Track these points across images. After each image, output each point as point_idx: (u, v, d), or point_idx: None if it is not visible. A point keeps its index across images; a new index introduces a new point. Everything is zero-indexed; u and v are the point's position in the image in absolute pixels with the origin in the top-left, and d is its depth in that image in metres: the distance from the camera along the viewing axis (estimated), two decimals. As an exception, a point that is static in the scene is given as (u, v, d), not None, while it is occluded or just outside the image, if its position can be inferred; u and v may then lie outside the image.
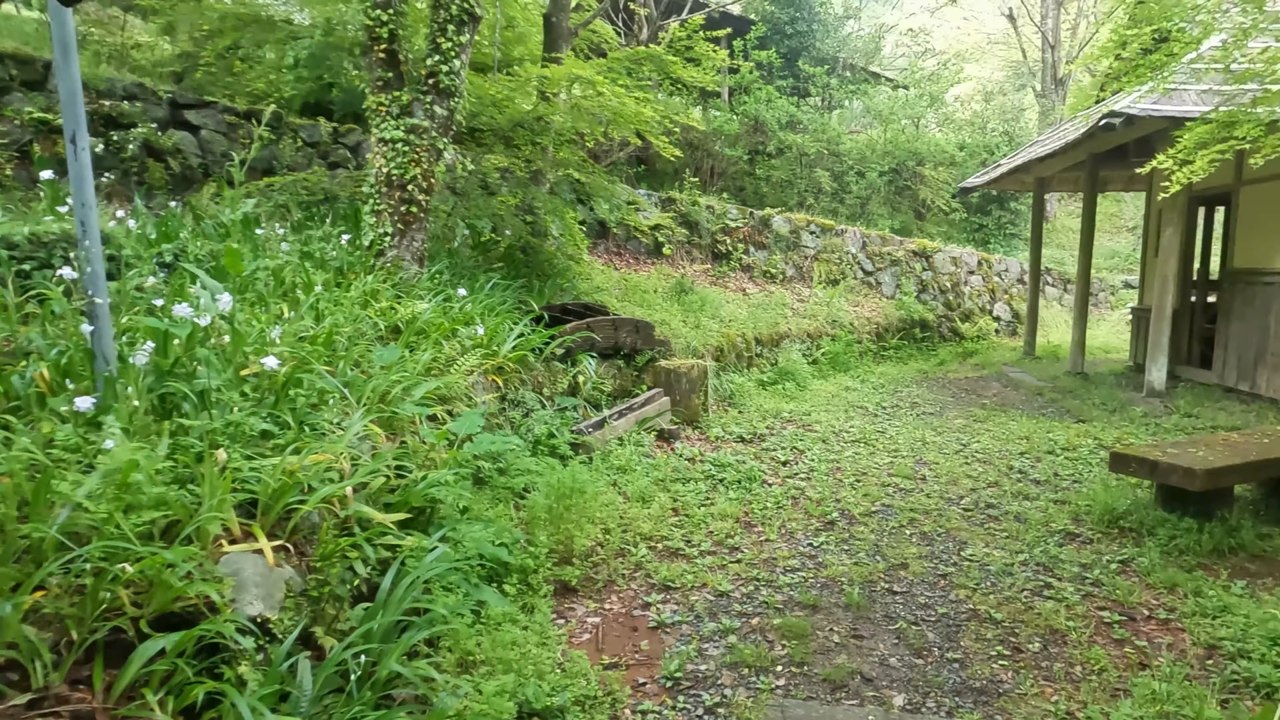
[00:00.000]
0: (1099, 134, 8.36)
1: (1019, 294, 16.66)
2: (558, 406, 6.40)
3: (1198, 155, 5.60)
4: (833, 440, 7.13)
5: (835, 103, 21.23)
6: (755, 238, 13.55)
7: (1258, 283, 8.87)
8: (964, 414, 8.51)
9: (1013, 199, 19.85)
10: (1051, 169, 11.90)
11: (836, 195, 18.20)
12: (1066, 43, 23.21)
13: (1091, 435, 7.25)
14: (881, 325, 13.29)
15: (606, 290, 9.76)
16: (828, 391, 9.64)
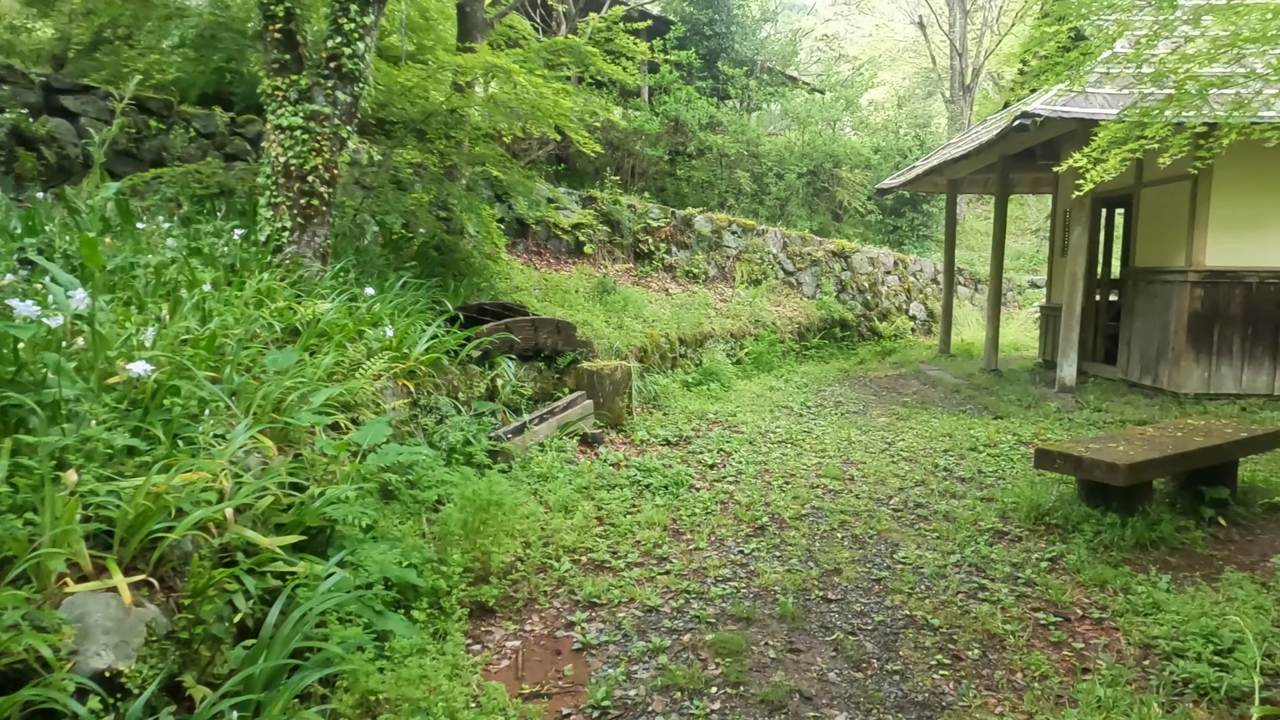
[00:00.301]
0: (1013, 134, 8.51)
1: (933, 293, 17.06)
2: (475, 412, 6.06)
3: (1111, 154, 5.67)
4: (760, 442, 7.00)
5: (754, 105, 21.38)
6: (677, 237, 13.42)
7: (1158, 281, 9.20)
8: (887, 412, 8.53)
9: (925, 201, 20.35)
10: (964, 170, 12.16)
11: (756, 196, 18.28)
12: (973, 51, 24.00)
13: (1010, 431, 7.34)
14: (803, 325, 13.34)
15: (526, 290, 9.43)
16: (752, 391, 9.55)
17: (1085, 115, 7.88)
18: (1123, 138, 5.62)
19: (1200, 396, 8.72)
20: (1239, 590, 3.81)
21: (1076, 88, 5.47)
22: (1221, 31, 4.83)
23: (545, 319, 7.40)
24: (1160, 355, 9.11)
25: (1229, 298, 8.64)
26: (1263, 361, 8.66)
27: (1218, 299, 8.65)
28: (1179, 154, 5.81)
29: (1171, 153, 5.75)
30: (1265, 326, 8.61)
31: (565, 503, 4.88)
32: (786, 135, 20.25)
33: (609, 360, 7.92)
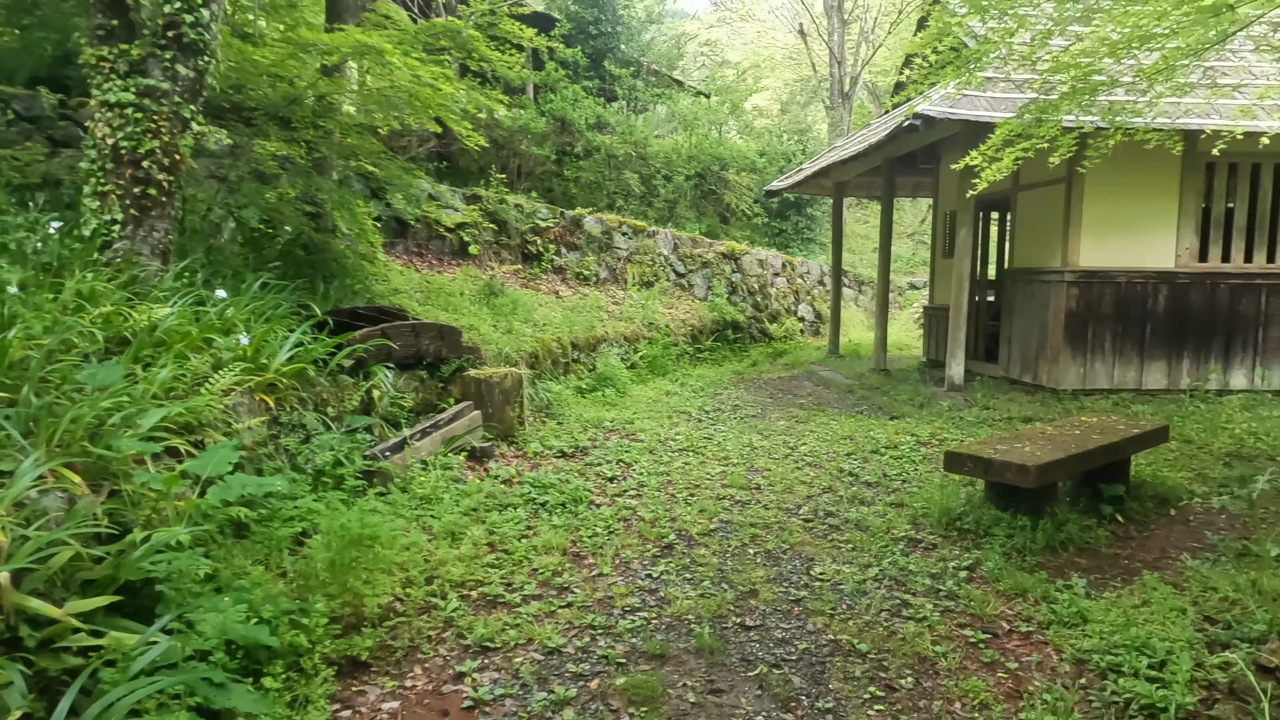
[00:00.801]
0: (903, 135, 8.55)
1: (820, 295, 17.31)
2: (347, 428, 5.43)
3: (1005, 153, 5.66)
4: (660, 450, 6.66)
5: (641, 106, 21.21)
6: (567, 238, 12.98)
7: (1036, 281, 9.49)
8: (786, 415, 8.39)
9: (809, 205, 20.72)
10: (851, 173, 12.29)
11: (645, 198, 18.08)
12: (851, 60, 24.72)
13: (908, 431, 7.30)
14: (696, 327, 13.17)
15: (406, 293, 8.77)
16: (649, 397, 9.23)
17: (972, 117, 7.98)
18: (1016, 137, 5.60)
19: (1077, 392, 9.02)
20: (1154, 593, 3.74)
21: (974, 84, 5.43)
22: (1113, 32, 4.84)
23: (427, 324, 6.81)
24: (1039, 353, 9.39)
25: (1101, 297, 8.98)
26: (1131, 358, 9.05)
27: (1091, 298, 8.97)
28: (1068, 153, 5.86)
29: (1061, 152, 5.79)
30: (1133, 324, 8.99)
31: (452, 528, 4.37)
32: (674, 138, 20.17)
33: (498, 367, 7.40)
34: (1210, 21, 4.45)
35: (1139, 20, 4.49)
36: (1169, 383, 9.09)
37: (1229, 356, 9.09)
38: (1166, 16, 4.34)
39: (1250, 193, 8.98)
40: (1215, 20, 4.38)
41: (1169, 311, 8.99)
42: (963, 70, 5.30)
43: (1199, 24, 4.50)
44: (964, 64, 5.22)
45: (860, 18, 24.75)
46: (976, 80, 5.41)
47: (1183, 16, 4.40)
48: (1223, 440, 7.46)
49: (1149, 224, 8.94)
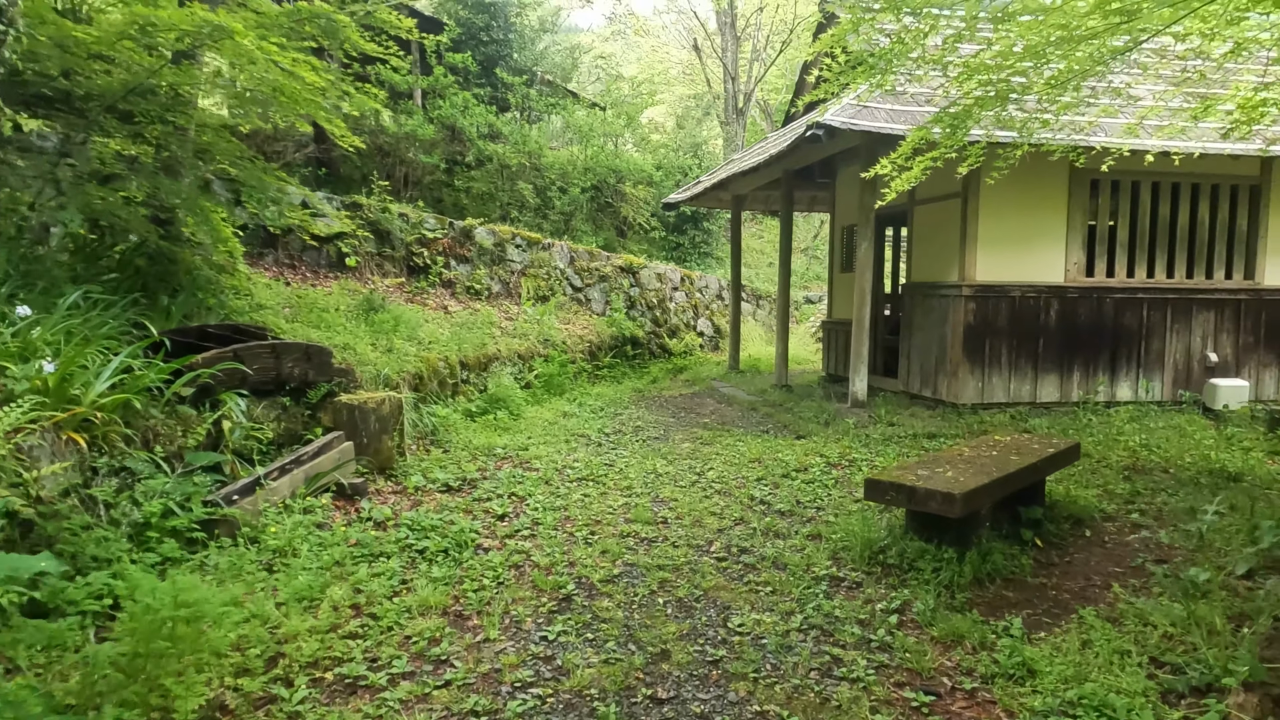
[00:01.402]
0: (803, 146, 8.33)
1: (719, 309, 17.14)
2: (187, 468, 4.62)
3: (915, 162, 5.42)
4: (557, 480, 6.09)
5: (536, 116, 20.66)
6: (457, 250, 12.24)
7: (934, 296, 9.46)
8: (689, 436, 7.97)
9: (706, 219, 20.62)
10: (750, 186, 12.11)
11: (540, 210, 17.49)
12: (744, 77, 24.93)
13: (817, 452, 7.00)
14: (594, 343, 12.66)
15: (273, 309, 7.88)
16: (545, 419, 8.63)
17: (873, 128, 7.83)
18: (926, 145, 5.36)
19: (976, 406, 9.01)
20: (1094, 632, 3.46)
21: (885, 86, 5.19)
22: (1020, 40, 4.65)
23: (291, 344, 6.02)
24: (939, 368, 9.35)
25: (997, 311, 9.01)
26: (1026, 371, 9.11)
27: (988, 313, 8.99)
28: (975, 164, 5.69)
29: (969, 163, 5.61)
30: (1027, 338, 9.07)
31: (308, 590, 3.66)
32: (569, 149, 19.70)
33: (375, 391, 6.65)
34: (1121, 28, 4.29)
35: (1048, 28, 4.29)
36: (1061, 395, 9.21)
37: (1115, 369, 9.29)
38: (1081, 22, 4.15)
39: (1131, 209, 9.24)
40: (1126, 26, 4.22)
41: (1060, 325, 9.12)
42: (873, 73, 5.04)
43: (1109, 31, 4.33)
44: (874, 66, 4.96)
45: (752, 36, 25.01)
46: (889, 84, 5.18)
47: (1096, 24, 4.23)
48: (1119, 453, 7.51)
49: (1040, 239, 9.05)
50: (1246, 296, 9.53)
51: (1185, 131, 7.71)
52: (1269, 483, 6.62)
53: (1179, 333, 9.42)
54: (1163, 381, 9.39)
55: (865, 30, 4.87)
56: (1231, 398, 9.09)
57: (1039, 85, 4.64)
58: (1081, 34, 4.22)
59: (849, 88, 5.73)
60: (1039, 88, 4.64)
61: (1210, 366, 9.47)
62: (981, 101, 4.81)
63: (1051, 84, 4.58)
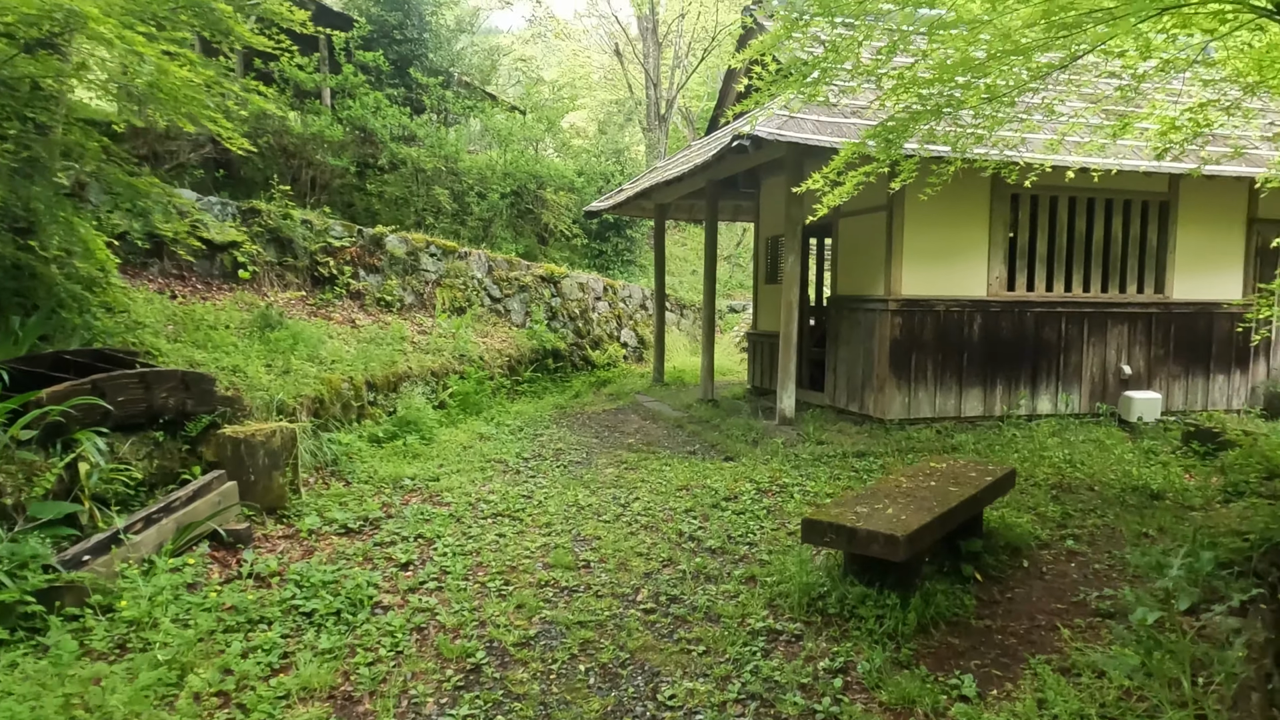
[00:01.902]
0: (730, 156, 8.05)
1: (643, 319, 16.82)
2: (29, 523, 3.96)
3: (847, 177, 5.16)
4: (469, 517, 5.59)
5: (452, 119, 19.99)
6: (366, 259, 11.55)
7: (860, 309, 9.33)
8: (613, 459, 7.56)
9: (629, 226, 20.31)
10: (674, 194, 11.82)
11: (458, 216, 16.85)
12: (666, 84, 24.74)
13: (746, 477, 6.70)
14: (514, 357, 12.14)
15: (152, 327, 7.12)
16: (459, 442, 8.09)
17: (800, 140, 7.60)
18: (860, 159, 5.11)
19: (903, 422, 8.90)
20: (1049, 690, 3.21)
21: (818, 97, 4.92)
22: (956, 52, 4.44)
23: (165, 371, 5.36)
24: (865, 383, 9.22)
25: (923, 326, 8.93)
26: (951, 386, 9.06)
27: (914, 327, 8.89)
28: (909, 179, 5.48)
29: (902, 178, 5.39)
30: (952, 352, 9.01)
31: (164, 677, 3.10)
32: (488, 154, 19.10)
33: (267, 421, 6.03)
34: (1057, 43, 4.11)
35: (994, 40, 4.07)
36: (985, 410, 9.19)
37: (1036, 382, 9.34)
38: (1020, 34, 3.94)
39: (1050, 224, 9.30)
40: (1063, 41, 4.03)
41: (983, 340, 9.10)
42: (805, 83, 4.76)
43: (1043, 46, 4.14)
44: (806, 75, 4.68)
45: (674, 42, 24.86)
46: (820, 94, 4.91)
47: (1035, 37, 4.02)
48: (1045, 470, 7.47)
49: (964, 253, 9.02)
50: (1157, 310, 9.73)
51: (1104, 149, 7.75)
52: (1190, 500, 6.65)
53: (1095, 346, 9.54)
54: (1080, 394, 9.49)
55: (798, 37, 4.58)
56: (1146, 410, 9.24)
57: (974, 99, 4.44)
58: (1018, 47, 4.01)
59: (777, 98, 5.44)
60: (974, 102, 4.44)
61: (1124, 379, 9.62)
62: (918, 115, 4.59)
63: (987, 98, 4.38)
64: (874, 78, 4.68)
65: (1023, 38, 4.06)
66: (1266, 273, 10.18)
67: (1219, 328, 10.00)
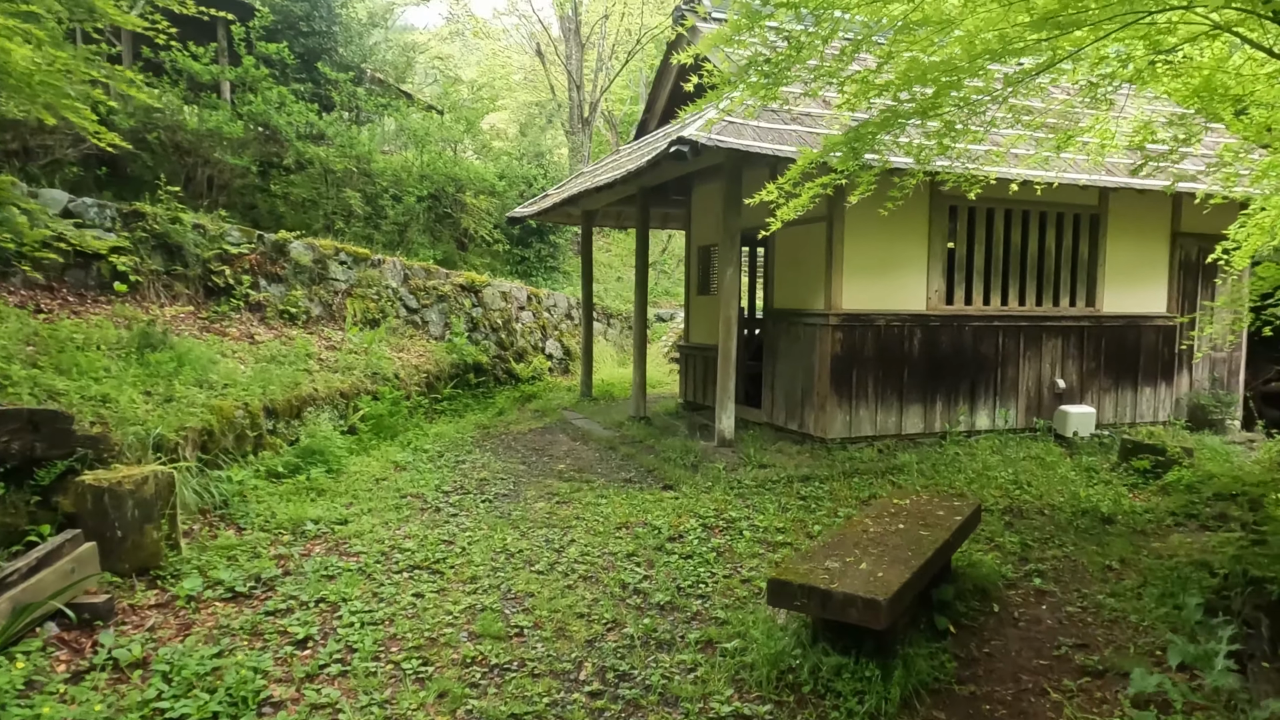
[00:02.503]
0: (665, 162, 7.54)
1: (569, 329, 16.20)
2: None
3: (804, 189, 4.71)
4: (381, 572, 4.89)
5: (365, 118, 18.96)
6: (268, 268, 10.58)
7: (799, 324, 8.97)
8: (543, 490, 6.94)
9: (553, 232, 19.67)
10: (603, 201, 11.26)
11: (371, 220, 15.88)
12: (590, 86, 24.17)
13: (690, 510, 6.18)
14: (433, 373, 11.35)
15: (2, 351, 6.13)
16: (371, 474, 7.32)
17: (741, 146, 7.16)
18: (815, 170, 4.66)
19: (845, 441, 8.57)
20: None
21: (774, 99, 4.45)
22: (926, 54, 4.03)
23: (7, 411, 4.48)
24: (806, 400, 8.86)
25: (864, 341, 8.62)
26: (891, 402, 8.78)
27: (855, 342, 8.58)
28: (866, 192, 5.07)
29: (860, 190, 4.98)
30: (892, 368, 8.74)
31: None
32: (404, 154, 18.17)
33: (140, 464, 5.18)
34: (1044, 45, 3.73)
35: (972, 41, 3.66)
36: (925, 427, 8.95)
37: (975, 398, 9.16)
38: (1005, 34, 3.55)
39: (987, 237, 9.15)
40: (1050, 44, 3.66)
41: (923, 355, 8.86)
42: (761, 86, 4.28)
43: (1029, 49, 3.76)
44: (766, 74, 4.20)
45: (598, 44, 24.31)
46: (777, 95, 4.44)
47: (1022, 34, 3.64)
48: (993, 493, 7.22)
49: (903, 266, 8.76)
50: (1089, 323, 9.70)
51: (1047, 161, 7.59)
52: (1141, 524, 6.48)
53: (1031, 360, 9.43)
54: (1017, 409, 9.37)
55: (759, 31, 4.10)
56: (1081, 425, 9.17)
57: (946, 105, 4.05)
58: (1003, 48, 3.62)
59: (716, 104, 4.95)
60: (946, 107, 4.05)
61: (1059, 393, 9.55)
62: (887, 121, 4.17)
63: (958, 105, 4.00)
64: (835, 80, 4.24)
65: (1003, 41, 3.67)
66: (1189, 285, 10.33)
67: (1146, 340, 10.06)
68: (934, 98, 3.91)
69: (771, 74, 4.12)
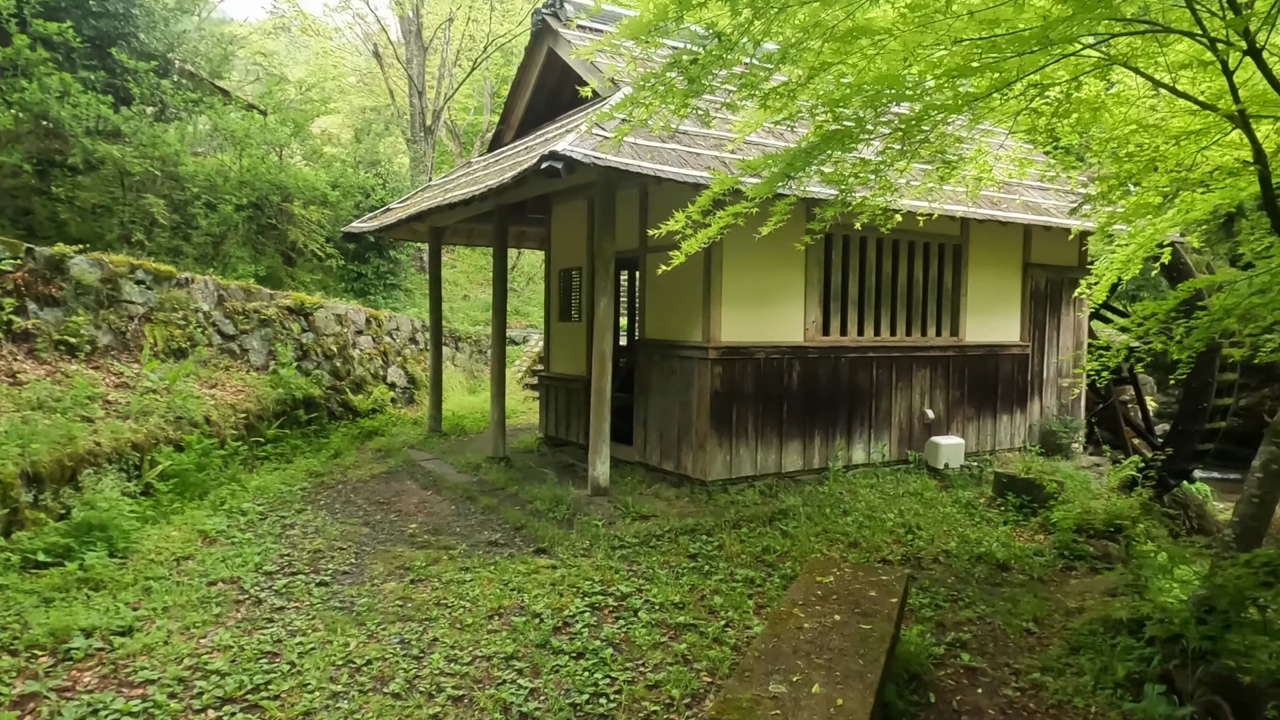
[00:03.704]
0: (532, 178, 6.66)
1: (412, 355, 14.84)
2: None
3: (715, 218, 4.01)
4: (177, 715, 3.67)
5: (173, 114, 16.72)
6: (40, 289, 8.69)
7: (675, 356, 8.34)
8: (393, 564, 5.82)
9: (393, 246, 18.17)
10: (457, 218, 10.18)
11: (179, 231, 13.88)
12: (433, 93, 22.76)
13: (572, 585, 5.30)
14: (254, 412, 9.79)
15: None
16: (172, 551, 5.91)
17: (620, 164, 6.41)
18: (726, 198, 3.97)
19: (725, 483, 8.01)
20: None
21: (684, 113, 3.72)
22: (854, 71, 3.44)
23: None
24: (683, 439, 8.22)
25: (744, 375, 8.11)
26: (772, 439, 8.32)
27: (734, 377, 8.05)
28: (780, 223, 4.45)
29: (774, 220, 4.35)
30: (772, 403, 8.29)
31: None
32: (220, 157, 16.14)
33: None
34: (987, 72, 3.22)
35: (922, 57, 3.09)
36: (804, 463, 8.55)
37: (851, 431, 8.88)
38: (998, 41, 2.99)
39: (860, 265, 8.92)
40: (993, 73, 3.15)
41: (802, 388, 8.47)
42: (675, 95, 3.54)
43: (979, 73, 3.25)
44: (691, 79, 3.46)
45: (442, 49, 22.95)
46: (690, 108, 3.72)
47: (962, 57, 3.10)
48: (885, 539, 6.85)
49: (781, 295, 8.34)
50: (954, 353, 9.71)
51: (931, 193, 7.36)
52: (1037, 569, 6.28)
53: (903, 391, 9.30)
54: (890, 441, 9.19)
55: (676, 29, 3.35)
56: (951, 456, 9.10)
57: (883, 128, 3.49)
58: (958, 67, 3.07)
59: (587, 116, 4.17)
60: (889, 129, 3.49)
61: (928, 424, 9.48)
62: (826, 141, 3.54)
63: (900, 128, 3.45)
64: (757, 92, 3.58)
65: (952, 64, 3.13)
66: (1039, 315, 10.64)
67: (1004, 369, 10.23)
68: (873, 119, 3.34)
69: (695, 77, 3.39)
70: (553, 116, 10.22)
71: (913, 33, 3.17)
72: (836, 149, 3.66)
